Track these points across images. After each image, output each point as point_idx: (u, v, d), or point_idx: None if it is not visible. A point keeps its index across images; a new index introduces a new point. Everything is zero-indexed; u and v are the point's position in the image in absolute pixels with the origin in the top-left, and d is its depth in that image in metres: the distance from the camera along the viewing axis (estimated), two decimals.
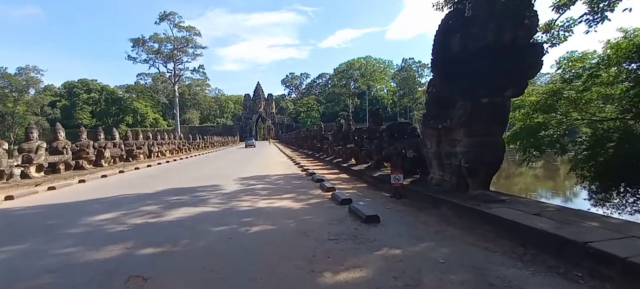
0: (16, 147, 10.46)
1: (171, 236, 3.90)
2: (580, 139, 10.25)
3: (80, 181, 10.10)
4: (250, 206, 5.58)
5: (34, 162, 10.31)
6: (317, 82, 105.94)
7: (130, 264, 3.04)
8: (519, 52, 4.15)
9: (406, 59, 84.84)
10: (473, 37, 4.28)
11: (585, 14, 9.95)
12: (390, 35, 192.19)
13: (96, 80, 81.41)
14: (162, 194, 7.15)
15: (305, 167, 11.64)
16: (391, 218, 4.52)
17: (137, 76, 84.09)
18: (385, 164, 9.33)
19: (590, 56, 11.56)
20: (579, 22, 10.23)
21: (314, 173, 9.76)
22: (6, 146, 9.26)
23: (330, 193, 6.55)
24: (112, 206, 5.82)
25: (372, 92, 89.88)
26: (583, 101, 10.37)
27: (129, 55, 67.99)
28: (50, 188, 8.66)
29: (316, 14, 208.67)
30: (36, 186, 9.36)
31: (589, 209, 8.27)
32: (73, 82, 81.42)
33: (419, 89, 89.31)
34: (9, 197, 7.19)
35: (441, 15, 10.78)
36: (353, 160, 12.08)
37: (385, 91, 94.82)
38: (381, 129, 9.29)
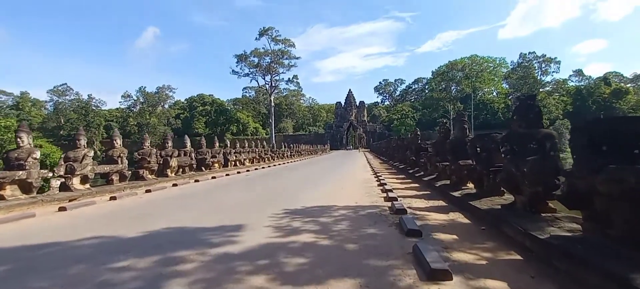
0: (63, 156, 9.50)
1: None
2: None
3: (111, 199, 8.37)
4: None
5: (77, 173, 9.08)
6: (413, 87, 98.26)
7: None
8: None
9: (525, 55, 70.72)
10: None
11: None
12: (504, 33, 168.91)
13: (212, 94, 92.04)
14: (137, 245, 4.32)
15: (391, 195, 7.65)
16: None
17: (243, 90, 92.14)
18: (550, 203, 4.71)
19: None
20: None
21: (405, 210, 5.75)
22: (37, 154, 8.06)
23: None
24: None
25: (478, 96, 77.67)
26: None
27: (233, 70, 74.35)
28: (60, 208, 6.90)
29: (414, 19, 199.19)
30: (70, 201, 7.94)
31: None
32: (193, 97, 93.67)
33: (542, 90, 73.24)
34: None
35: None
36: (470, 184, 7.56)
37: (495, 93, 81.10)
38: (544, 135, 4.72)
